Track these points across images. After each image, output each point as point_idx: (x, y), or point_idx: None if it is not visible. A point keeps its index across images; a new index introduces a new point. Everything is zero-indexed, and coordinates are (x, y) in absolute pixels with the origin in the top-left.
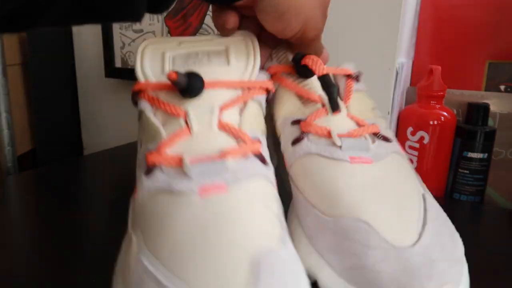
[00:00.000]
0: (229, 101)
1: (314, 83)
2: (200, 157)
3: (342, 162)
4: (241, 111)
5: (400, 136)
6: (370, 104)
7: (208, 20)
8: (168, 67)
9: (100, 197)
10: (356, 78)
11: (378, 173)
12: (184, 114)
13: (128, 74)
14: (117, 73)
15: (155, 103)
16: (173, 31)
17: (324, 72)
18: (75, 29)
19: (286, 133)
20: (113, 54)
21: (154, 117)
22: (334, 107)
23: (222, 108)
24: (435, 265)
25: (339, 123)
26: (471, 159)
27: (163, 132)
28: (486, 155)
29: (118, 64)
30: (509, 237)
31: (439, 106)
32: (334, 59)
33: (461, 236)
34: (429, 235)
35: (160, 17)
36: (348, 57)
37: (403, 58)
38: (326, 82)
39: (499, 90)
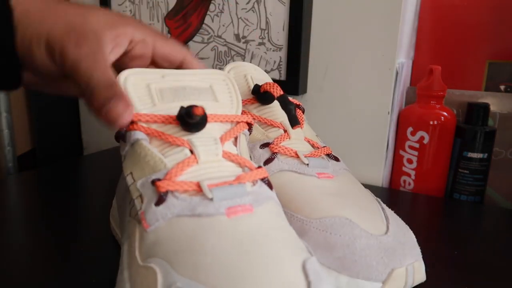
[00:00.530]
0: (225, 134)
1: (274, 112)
2: (216, 182)
3: (312, 177)
4: (235, 142)
5: (400, 136)
6: (313, 132)
7: (208, 20)
8: (157, 100)
9: (100, 197)
10: (302, 110)
11: (340, 185)
12: (187, 144)
13: None
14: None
15: (153, 134)
16: (173, 31)
17: (281, 93)
18: None
19: (256, 155)
20: None
21: (153, 148)
22: (294, 122)
23: (222, 140)
24: (405, 247)
25: (300, 145)
26: (471, 159)
27: (166, 162)
28: (486, 155)
29: None
30: (509, 237)
31: (439, 106)
32: (334, 59)
33: (461, 236)
34: (394, 226)
35: (160, 17)
36: (348, 57)
37: (403, 58)
38: (284, 101)
39: (499, 90)
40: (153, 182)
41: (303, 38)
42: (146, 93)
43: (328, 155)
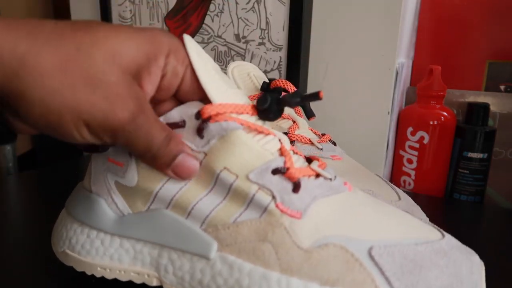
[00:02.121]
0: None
1: None
2: (314, 166)
3: (327, 159)
4: None
5: (400, 136)
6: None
7: (208, 20)
8: (225, 87)
9: None
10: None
11: (350, 165)
12: (273, 133)
13: None
14: None
15: (247, 124)
16: (173, 31)
17: (295, 89)
18: None
19: None
20: None
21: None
22: (310, 114)
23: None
24: (417, 209)
25: (308, 133)
26: (471, 159)
27: (271, 151)
28: (486, 155)
29: None
30: (509, 237)
31: (439, 106)
32: (334, 59)
33: (461, 236)
34: (403, 195)
35: (160, 17)
36: (348, 57)
37: (403, 58)
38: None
39: (499, 90)
40: (276, 171)
41: (303, 38)
42: (215, 73)
43: (330, 140)
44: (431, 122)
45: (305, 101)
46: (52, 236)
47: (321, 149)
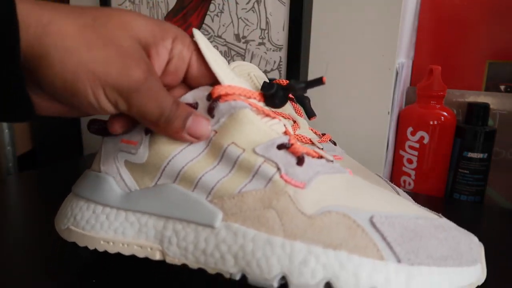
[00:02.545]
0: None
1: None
2: (316, 150)
3: None
4: None
5: (400, 136)
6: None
7: (208, 20)
8: (233, 74)
9: None
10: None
11: (351, 164)
12: (279, 118)
13: None
14: None
15: (254, 106)
16: None
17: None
18: None
19: None
20: None
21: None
22: (311, 114)
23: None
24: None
25: (308, 133)
26: (471, 159)
27: (276, 131)
28: (486, 155)
29: None
30: (509, 237)
31: (439, 106)
32: (334, 59)
33: None
34: (402, 193)
35: (160, 17)
36: (349, 57)
37: (403, 58)
38: (300, 96)
39: (499, 90)
40: (281, 147)
41: (303, 38)
42: (223, 61)
43: (330, 140)
44: (431, 122)
45: (309, 86)
46: (55, 220)
47: (322, 149)
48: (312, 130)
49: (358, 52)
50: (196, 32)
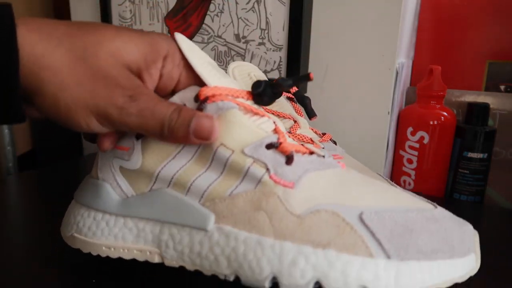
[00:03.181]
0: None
1: (281, 105)
2: (307, 146)
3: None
4: None
5: (400, 136)
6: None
7: (208, 20)
8: (218, 74)
9: None
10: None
11: (352, 163)
12: (268, 116)
13: None
14: None
15: (242, 105)
16: (173, 31)
17: (297, 89)
18: None
19: None
20: None
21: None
22: (312, 114)
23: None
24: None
25: (309, 133)
26: (471, 159)
27: (265, 130)
28: (486, 155)
29: None
30: (509, 237)
31: (439, 106)
32: (334, 59)
33: None
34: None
35: (160, 17)
36: (348, 57)
37: (403, 58)
38: (301, 95)
39: (499, 90)
40: (270, 146)
41: (303, 38)
42: (208, 64)
43: (330, 139)
44: (431, 122)
45: (296, 83)
46: (61, 228)
47: (323, 148)
48: (312, 129)
49: (358, 52)
50: (179, 37)
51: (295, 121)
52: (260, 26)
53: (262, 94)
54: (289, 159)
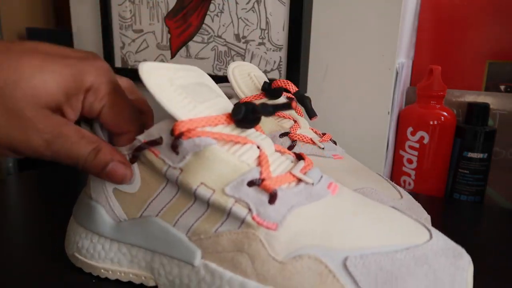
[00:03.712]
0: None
1: None
2: (299, 170)
3: (329, 158)
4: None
5: (400, 136)
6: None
7: (208, 20)
8: (194, 101)
9: None
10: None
11: (351, 163)
12: (251, 141)
13: (128, 74)
14: (117, 73)
15: (220, 137)
16: (173, 31)
17: (297, 89)
18: (75, 29)
19: (278, 144)
20: (113, 54)
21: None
22: (312, 114)
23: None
24: (417, 207)
25: (309, 133)
26: (471, 159)
27: (246, 161)
28: (486, 155)
29: (118, 64)
30: (509, 237)
31: (439, 106)
32: (334, 59)
33: (461, 236)
34: (404, 193)
35: (160, 17)
36: (348, 57)
37: (403, 58)
38: (301, 95)
39: (499, 90)
40: (251, 184)
41: (303, 38)
42: (179, 93)
43: (330, 139)
44: (431, 122)
45: (277, 110)
46: (65, 243)
47: (323, 148)
48: (312, 129)
49: (358, 52)
50: (143, 70)
51: (295, 121)
52: (260, 26)
53: (242, 120)
54: (272, 197)
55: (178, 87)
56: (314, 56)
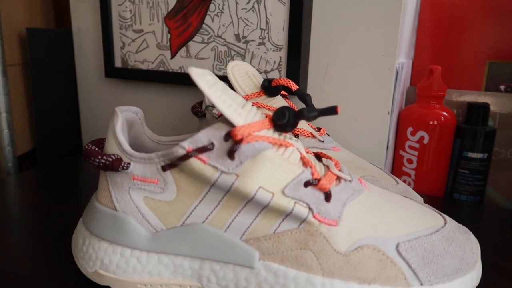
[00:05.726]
0: None
1: (280, 102)
2: (335, 170)
3: (329, 150)
4: None
5: (400, 136)
6: None
7: (208, 20)
8: (237, 105)
9: None
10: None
11: (348, 154)
12: (292, 144)
13: (128, 74)
14: (117, 73)
15: (274, 141)
16: (173, 31)
17: (297, 87)
18: (75, 29)
19: None
20: (113, 54)
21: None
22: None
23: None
24: (412, 191)
25: (307, 128)
26: (471, 159)
27: (296, 164)
28: (486, 155)
29: (118, 64)
30: (509, 237)
31: (439, 106)
32: (334, 59)
33: None
34: (399, 180)
35: (160, 17)
36: (348, 57)
37: (403, 58)
38: (301, 93)
39: (499, 90)
40: (308, 184)
41: (303, 38)
42: (230, 101)
43: (326, 133)
44: (431, 122)
45: (321, 115)
46: (75, 256)
47: (323, 141)
48: (308, 124)
49: (358, 52)
50: (194, 73)
51: None
52: (260, 26)
53: (285, 124)
54: (327, 196)
55: (223, 91)
56: (314, 56)
